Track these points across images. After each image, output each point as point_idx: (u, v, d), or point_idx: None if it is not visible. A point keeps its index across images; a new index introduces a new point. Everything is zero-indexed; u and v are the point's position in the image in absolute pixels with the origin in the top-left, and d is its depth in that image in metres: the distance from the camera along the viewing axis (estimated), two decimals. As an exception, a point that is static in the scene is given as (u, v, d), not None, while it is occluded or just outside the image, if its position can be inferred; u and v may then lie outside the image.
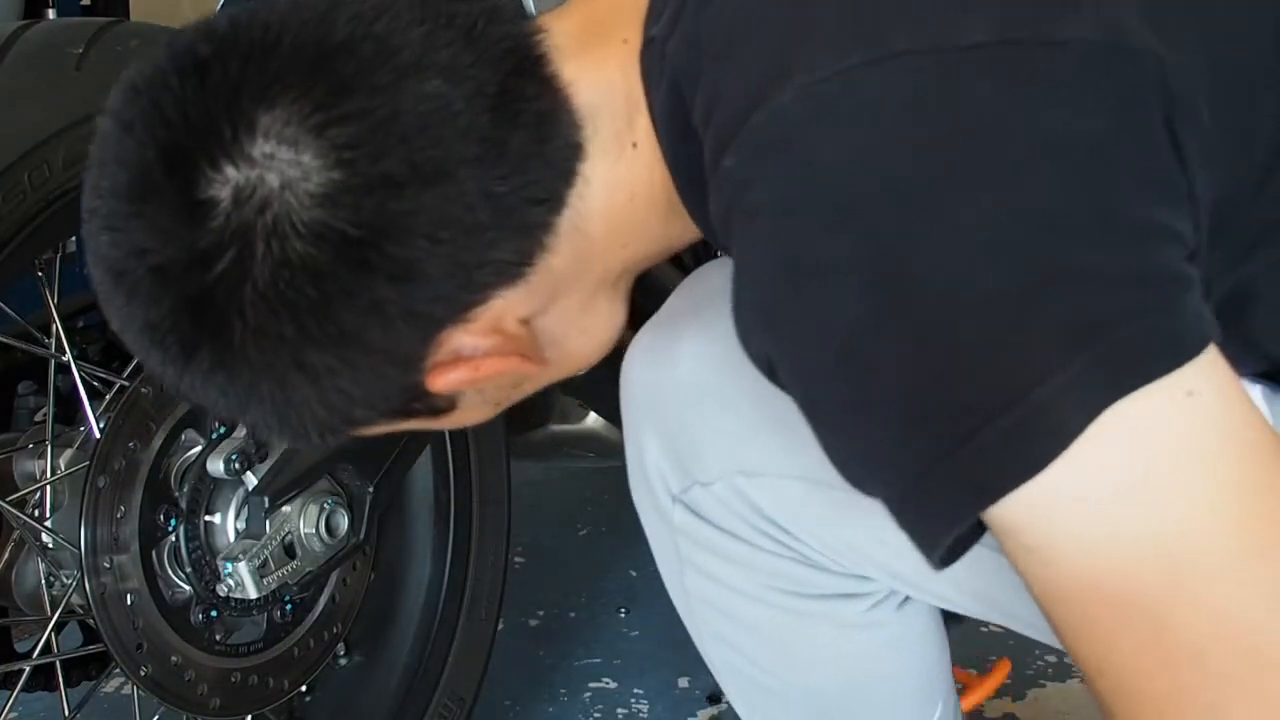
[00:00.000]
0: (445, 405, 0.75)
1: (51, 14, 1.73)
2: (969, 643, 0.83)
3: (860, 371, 0.59)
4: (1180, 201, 0.60)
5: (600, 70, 0.70)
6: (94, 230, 0.66)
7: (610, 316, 0.78)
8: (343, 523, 1.22)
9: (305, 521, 1.19)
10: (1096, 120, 0.57)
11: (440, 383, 0.70)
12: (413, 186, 0.62)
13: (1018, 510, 0.57)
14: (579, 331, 0.76)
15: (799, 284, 0.59)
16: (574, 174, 0.69)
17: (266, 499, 1.14)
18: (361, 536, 1.22)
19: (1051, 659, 1.69)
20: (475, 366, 0.69)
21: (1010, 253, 0.56)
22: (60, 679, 1.20)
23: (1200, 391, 0.56)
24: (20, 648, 1.30)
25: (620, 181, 0.71)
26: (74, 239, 1.22)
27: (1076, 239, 0.56)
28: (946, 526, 0.59)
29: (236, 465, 1.15)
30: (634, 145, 0.71)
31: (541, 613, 1.94)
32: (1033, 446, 0.55)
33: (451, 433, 1.44)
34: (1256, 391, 0.75)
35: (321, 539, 1.20)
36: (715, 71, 0.65)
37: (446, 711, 1.44)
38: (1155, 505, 0.56)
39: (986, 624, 1.30)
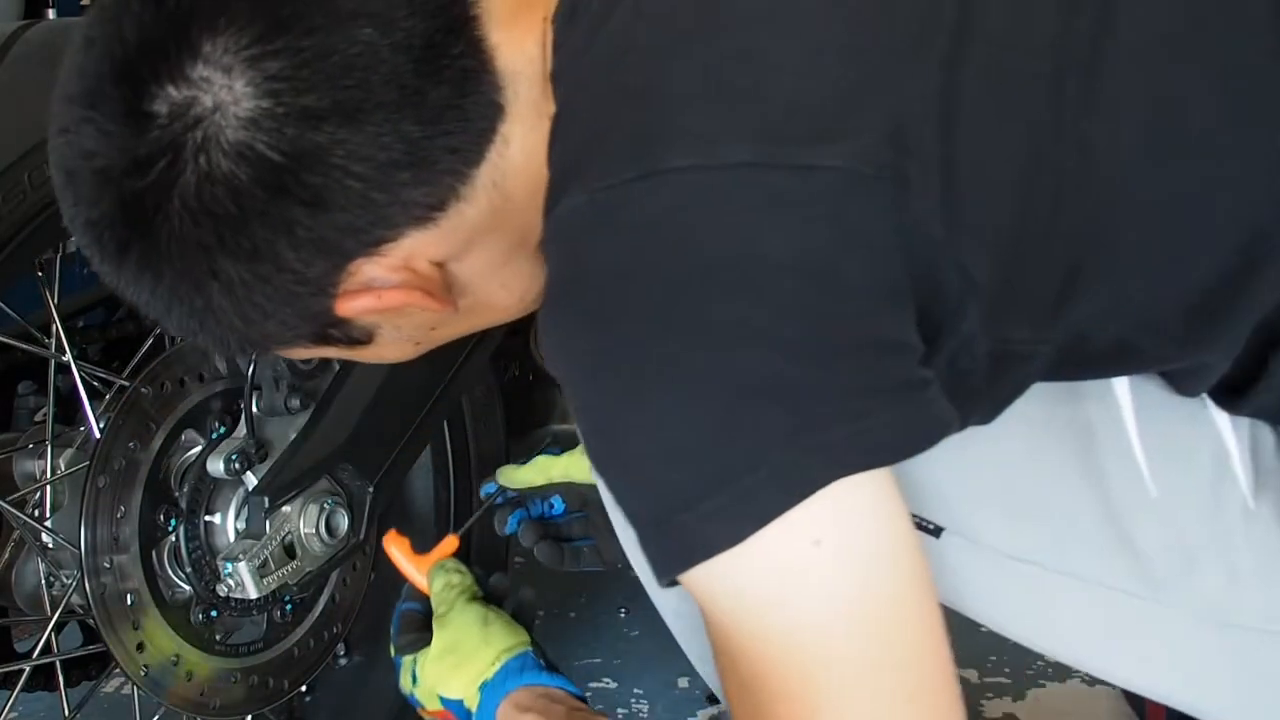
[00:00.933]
0: (362, 336, 0.79)
1: (51, 14, 1.73)
2: (967, 642, 0.83)
3: (607, 440, 0.69)
4: (911, 314, 0.68)
5: (523, 42, 0.75)
6: (53, 133, 0.72)
7: (533, 278, 0.81)
8: (343, 523, 1.22)
9: (305, 521, 1.19)
10: (833, 242, 0.66)
11: (347, 308, 0.74)
12: (332, 121, 0.68)
13: (698, 582, 0.67)
14: (499, 285, 0.80)
15: (567, 359, 0.70)
16: (493, 131, 0.73)
17: (266, 499, 1.14)
18: (361, 536, 1.22)
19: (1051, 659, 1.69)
20: (379, 295, 0.74)
21: (730, 366, 0.65)
22: (60, 679, 1.21)
23: (839, 539, 0.64)
24: (20, 648, 1.30)
25: (538, 148, 0.75)
26: (74, 239, 1.22)
27: (792, 354, 0.65)
28: (660, 572, 0.68)
29: (236, 465, 1.15)
30: (550, 117, 0.75)
31: (541, 613, 1.93)
32: (720, 531, 0.65)
33: (451, 432, 1.44)
34: (1124, 387, 0.83)
35: (321, 539, 1.20)
36: (561, 119, 0.73)
37: (446, 711, 1.44)
38: (792, 609, 0.65)
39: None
